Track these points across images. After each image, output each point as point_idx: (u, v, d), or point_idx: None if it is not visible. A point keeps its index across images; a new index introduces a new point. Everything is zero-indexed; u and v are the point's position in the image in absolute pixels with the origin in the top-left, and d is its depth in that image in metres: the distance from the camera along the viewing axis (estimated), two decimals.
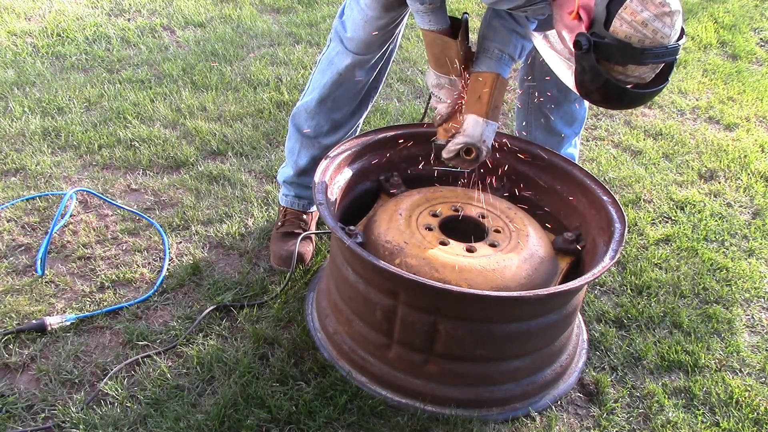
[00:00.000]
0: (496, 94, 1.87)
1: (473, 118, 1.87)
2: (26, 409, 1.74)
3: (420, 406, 1.81)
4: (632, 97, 1.60)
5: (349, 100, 2.18)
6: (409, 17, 2.09)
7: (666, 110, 3.53)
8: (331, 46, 2.13)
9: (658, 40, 1.47)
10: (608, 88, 1.55)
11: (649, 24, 1.45)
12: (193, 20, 3.89)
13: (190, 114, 3.00)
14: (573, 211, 2.08)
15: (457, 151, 1.89)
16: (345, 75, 2.10)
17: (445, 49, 1.86)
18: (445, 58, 1.87)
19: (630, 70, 1.52)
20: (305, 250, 2.25)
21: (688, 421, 1.90)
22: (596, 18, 1.50)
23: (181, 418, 1.72)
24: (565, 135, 2.31)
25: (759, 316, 2.31)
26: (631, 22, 1.46)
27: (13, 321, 1.96)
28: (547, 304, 1.77)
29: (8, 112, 2.90)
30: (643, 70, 1.52)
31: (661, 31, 1.46)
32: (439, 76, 1.91)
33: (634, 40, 1.47)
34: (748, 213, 2.83)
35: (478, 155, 1.89)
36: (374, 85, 2.22)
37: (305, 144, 2.24)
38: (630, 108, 1.93)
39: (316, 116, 2.19)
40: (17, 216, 2.35)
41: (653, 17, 1.45)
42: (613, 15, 1.47)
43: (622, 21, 1.46)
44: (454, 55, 1.86)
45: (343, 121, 2.21)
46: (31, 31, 3.59)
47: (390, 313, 1.76)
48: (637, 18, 1.45)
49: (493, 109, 1.88)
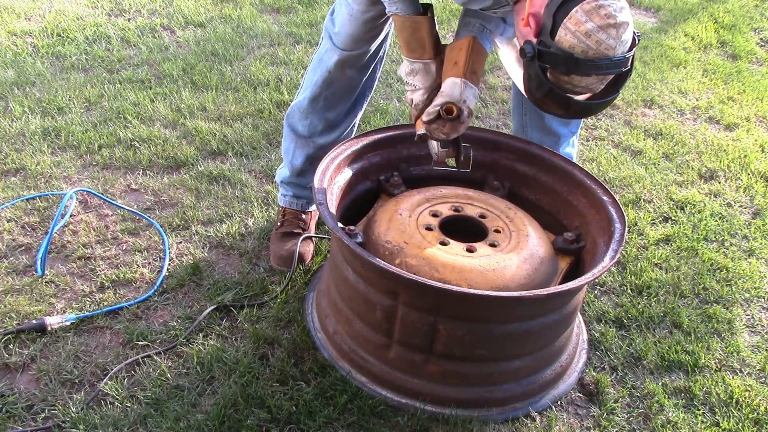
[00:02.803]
0: (473, 58, 1.81)
1: (451, 80, 1.80)
2: (26, 409, 1.74)
3: (420, 406, 1.81)
4: (578, 108, 1.58)
5: (343, 99, 2.16)
6: None
7: (666, 110, 3.53)
8: (322, 44, 2.12)
9: (602, 52, 1.44)
10: (553, 96, 1.54)
11: (592, 35, 1.43)
12: (193, 20, 3.89)
13: (190, 114, 3.00)
14: (573, 211, 2.08)
15: (437, 112, 1.79)
16: (334, 73, 2.08)
17: (416, 30, 1.81)
18: (416, 41, 1.82)
19: (575, 81, 1.50)
20: (305, 250, 2.25)
21: (688, 421, 1.90)
22: (544, 26, 1.49)
23: (181, 418, 1.72)
24: (561, 135, 2.30)
25: (759, 316, 2.31)
26: (575, 32, 1.44)
27: (13, 321, 1.96)
28: (547, 304, 1.77)
29: (8, 112, 2.90)
30: (590, 80, 1.50)
31: (605, 43, 1.44)
32: (412, 61, 1.85)
33: (578, 50, 1.45)
34: (748, 213, 2.83)
35: (459, 113, 1.79)
36: (368, 84, 2.20)
37: (299, 144, 2.24)
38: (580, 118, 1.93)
39: (310, 115, 2.18)
40: (17, 216, 2.35)
41: (597, 28, 1.43)
42: (559, 24, 1.45)
43: (566, 31, 1.45)
44: (425, 35, 1.81)
45: (338, 121, 2.21)
46: (31, 31, 3.59)
47: (390, 313, 1.76)
48: (581, 28, 1.43)
49: (470, 73, 1.81)
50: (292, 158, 2.27)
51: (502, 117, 3.27)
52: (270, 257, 2.27)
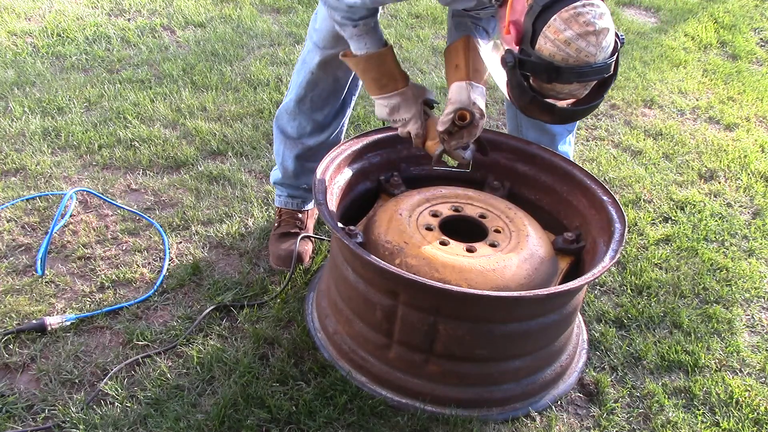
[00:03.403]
0: (473, 56, 1.79)
1: (456, 85, 1.79)
2: (26, 409, 1.74)
3: (420, 406, 1.81)
4: (562, 114, 1.58)
5: (329, 100, 2.16)
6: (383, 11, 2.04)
7: (666, 110, 3.53)
8: (306, 45, 2.13)
9: (583, 59, 1.43)
10: (537, 104, 1.53)
11: (572, 43, 1.42)
12: (193, 20, 3.89)
13: (190, 114, 3.00)
14: (573, 211, 2.08)
15: (450, 120, 1.79)
16: (318, 74, 2.07)
17: (382, 64, 1.78)
18: (386, 76, 1.80)
19: (558, 88, 1.50)
20: (303, 249, 2.25)
21: (688, 421, 1.90)
22: (524, 34, 1.48)
23: (181, 418, 1.72)
24: (557, 133, 2.30)
25: (759, 316, 2.31)
26: (554, 40, 1.43)
27: (13, 321, 1.96)
28: (547, 304, 1.77)
29: (8, 112, 2.90)
30: (573, 87, 1.49)
31: (585, 50, 1.43)
32: (389, 97, 1.82)
33: (558, 58, 1.44)
34: (748, 213, 2.83)
35: (472, 119, 1.80)
36: (355, 84, 2.19)
37: (289, 145, 2.24)
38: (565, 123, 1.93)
39: (297, 117, 2.18)
40: (17, 216, 2.35)
41: (576, 36, 1.42)
42: (539, 33, 1.44)
43: (546, 39, 1.44)
44: (392, 65, 1.79)
45: (327, 122, 2.20)
46: (31, 31, 3.59)
47: (390, 313, 1.76)
48: (560, 37, 1.42)
49: (474, 72, 1.80)
50: (283, 160, 2.27)
51: (502, 117, 3.27)
52: (269, 258, 2.27)
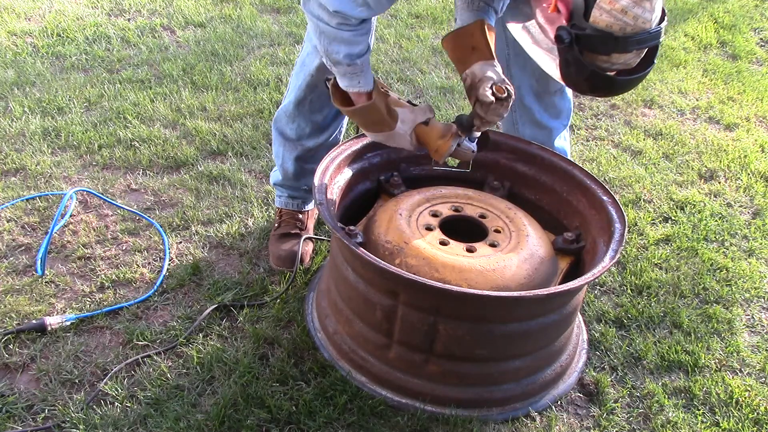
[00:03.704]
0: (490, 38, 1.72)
1: (483, 64, 1.68)
2: (26, 409, 1.74)
3: (420, 406, 1.81)
4: (621, 85, 1.59)
5: (328, 102, 2.13)
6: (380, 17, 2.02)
7: (666, 110, 3.53)
8: (304, 47, 2.12)
9: (640, 26, 1.44)
10: (595, 78, 1.53)
11: (628, 11, 1.43)
12: (193, 20, 3.89)
13: (190, 114, 3.00)
14: (573, 211, 2.08)
15: (490, 94, 1.65)
16: (317, 77, 2.06)
17: (375, 111, 1.76)
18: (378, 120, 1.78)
19: (614, 59, 1.50)
20: (304, 250, 2.25)
21: (688, 421, 1.90)
22: (575, 9, 1.48)
23: (181, 418, 1.72)
24: (553, 128, 2.30)
25: (759, 316, 2.31)
26: (610, 11, 1.43)
27: (13, 321, 1.96)
28: (547, 304, 1.77)
29: (8, 112, 2.90)
30: (628, 56, 1.50)
31: (642, 17, 1.44)
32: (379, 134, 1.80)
33: (616, 28, 1.44)
34: (748, 213, 2.83)
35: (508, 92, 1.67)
36: None
37: (288, 147, 2.24)
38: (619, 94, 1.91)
39: (296, 119, 2.18)
40: (17, 216, 2.35)
41: (632, 4, 1.43)
42: (592, 5, 1.45)
43: (601, 11, 1.44)
44: (383, 108, 1.77)
45: (326, 124, 2.20)
46: (31, 31, 3.59)
47: (390, 313, 1.76)
48: (616, 6, 1.43)
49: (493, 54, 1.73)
50: (282, 162, 2.27)
51: None
52: (269, 258, 2.27)
